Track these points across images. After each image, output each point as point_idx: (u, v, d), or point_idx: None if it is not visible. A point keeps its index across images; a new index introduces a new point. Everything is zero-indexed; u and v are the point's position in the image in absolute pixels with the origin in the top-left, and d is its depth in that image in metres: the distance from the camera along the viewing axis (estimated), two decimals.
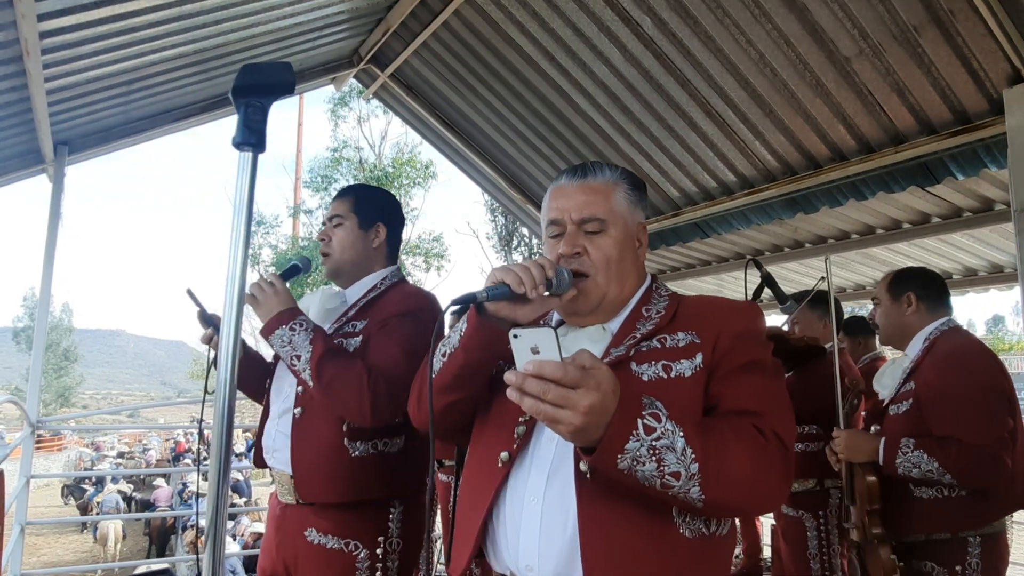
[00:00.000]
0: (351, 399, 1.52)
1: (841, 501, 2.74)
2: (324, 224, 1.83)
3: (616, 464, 0.89)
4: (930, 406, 1.96)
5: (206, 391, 1.80)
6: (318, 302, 1.76)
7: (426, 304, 1.71)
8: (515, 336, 0.88)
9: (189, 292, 1.85)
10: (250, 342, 2.01)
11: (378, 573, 1.60)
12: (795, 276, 5.15)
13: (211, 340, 1.81)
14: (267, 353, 1.91)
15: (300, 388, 1.66)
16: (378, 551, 1.60)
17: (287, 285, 1.70)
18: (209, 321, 1.81)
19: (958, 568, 1.90)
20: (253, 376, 1.87)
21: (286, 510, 1.67)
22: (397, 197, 1.98)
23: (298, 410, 1.65)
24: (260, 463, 1.77)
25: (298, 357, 1.57)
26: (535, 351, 0.86)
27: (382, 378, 1.54)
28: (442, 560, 4.18)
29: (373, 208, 1.82)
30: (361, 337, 1.66)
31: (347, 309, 1.75)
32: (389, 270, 1.82)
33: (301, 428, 1.64)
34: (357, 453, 1.61)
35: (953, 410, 1.90)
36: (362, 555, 1.59)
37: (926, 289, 2.15)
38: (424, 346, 1.61)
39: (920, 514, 1.99)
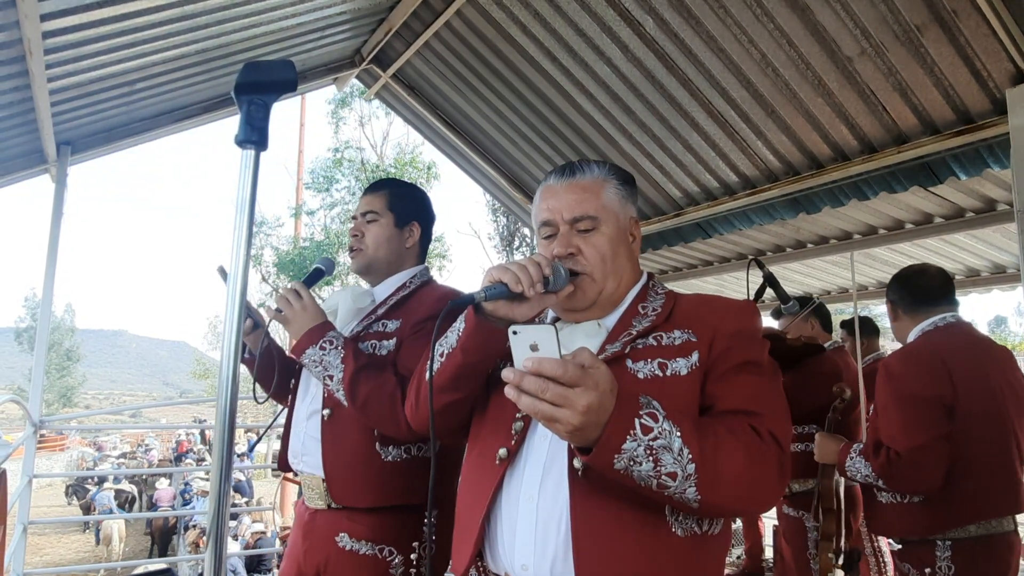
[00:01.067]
0: (386, 417, 1.50)
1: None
2: (355, 218, 1.78)
3: (613, 464, 0.89)
4: (876, 413, 2.04)
5: (255, 396, 1.75)
6: (348, 300, 1.72)
7: None
8: (514, 333, 0.88)
9: (221, 270, 1.71)
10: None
11: None
12: (797, 276, 5.14)
13: (247, 332, 1.72)
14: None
15: (326, 391, 1.62)
16: (412, 556, 1.56)
17: (312, 293, 1.65)
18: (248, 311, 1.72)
19: (927, 571, 1.92)
20: (280, 375, 1.83)
21: (316, 515, 1.63)
22: None
23: (327, 412, 1.62)
24: (285, 467, 1.73)
25: (331, 377, 1.54)
26: (534, 348, 0.86)
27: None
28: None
29: (409, 206, 1.78)
30: (395, 339, 1.62)
31: (376, 307, 1.71)
32: (418, 269, 1.79)
33: (331, 431, 1.61)
34: (390, 458, 1.58)
35: (882, 418, 1.97)
36: (396, 561, 1.55)
37: (900, 294, 2.19)
38: None
39: (883, 517, 2.06)
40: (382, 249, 1.73)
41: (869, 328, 3.61)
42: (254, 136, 0.76)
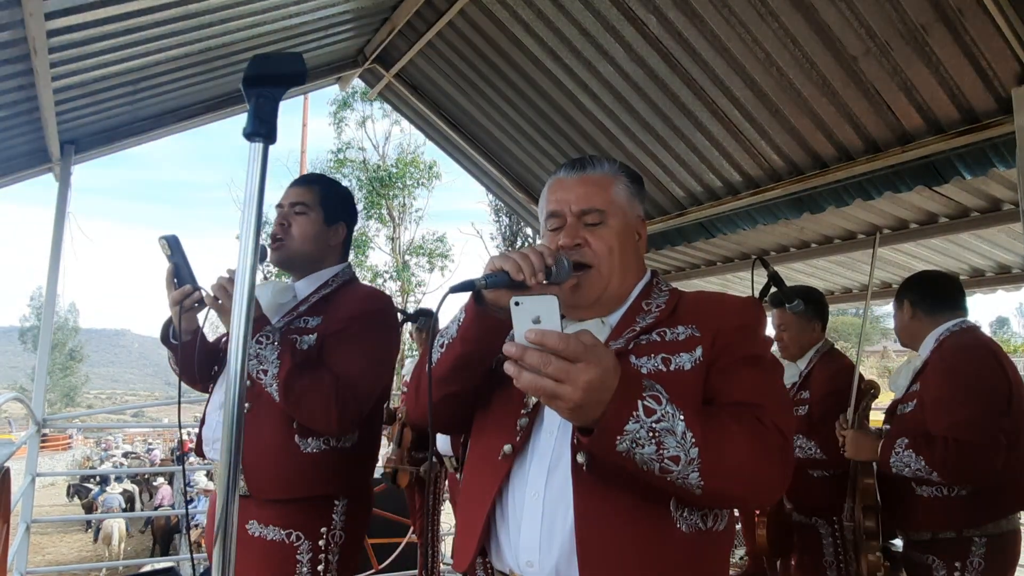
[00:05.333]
0: (319, 415, 1.52)
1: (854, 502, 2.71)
2: (281, 206, 1.75)
3: (615, 446, 0.88)
4: (929, 407, 2.01)
5: (180, 387, 1.69)
6: (269, 295, 1.71)
7: (383, 306, 1.70)
8: (516, 304, 0.87)
9: (173, 239, 1.61)
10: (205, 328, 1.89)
11: (320, 566, 1.57)
12: (801, 277, 5.12)
13: (184, 302, 1.60)
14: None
15: (248, 382, 1.63)
16: (320, 543, 1.58)
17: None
18: (185, 278, 1.61)
19: (957, 564, 1.93)
20: (203, 363, 1.81)
21: None
22: (401, 197, 1.95)
23: (246, 405, 1.58)
24: (201, 453, 1.73)
25: (265, 372, 1.52)
26: (536, 321, 0.85)
27: (348, 390, 1.53)
28: (447, 560, 4.17)
29: (340, 205, 1.79)
30: (316, 335, 1.63)
31: (298, 304, 1.71)
32: (340, 267, 1.80)
33: (249, 424, 1.59)
34: (309, 449, 1.59)
35: (946, 410, 1.94)
36: (304, 547, 1.56)
37: (921, 295, 2.22)
38: (387, 351, 1.65)
39: (922, 512, 2.03)
40: (308, 244, 1.73)
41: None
42: (262, 129, 0.75)
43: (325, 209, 1.75)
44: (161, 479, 14.26)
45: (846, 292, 5.27)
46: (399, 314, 3.85)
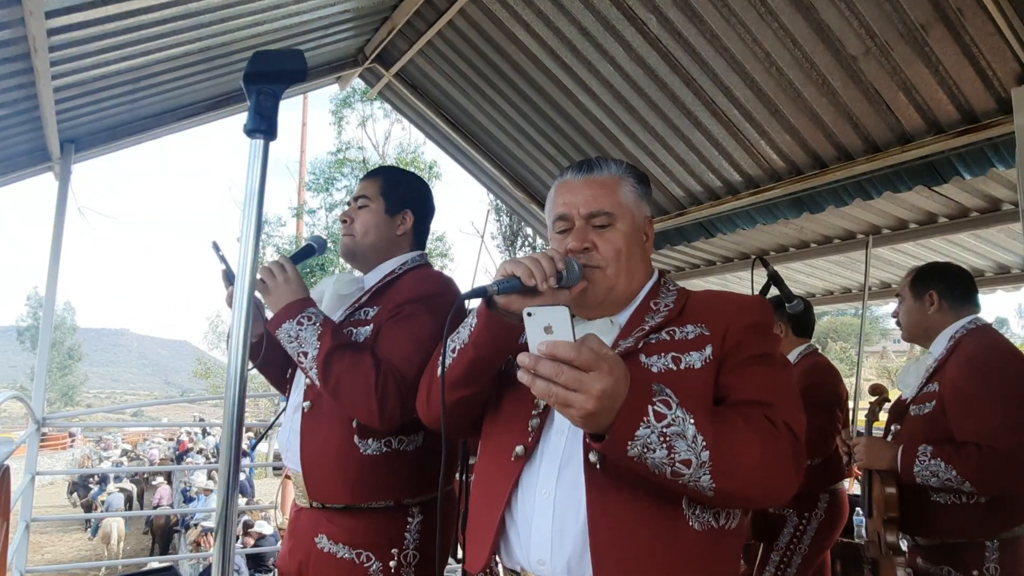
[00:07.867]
0: (359, 400, 1.42)
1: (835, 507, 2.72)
2: (349, 204, 1.74)
3: (626, 451, 0.89)
4: (954, 410, 1.89)
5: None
6: (332, 287, 1.67)
7: (441, 288, 1.60)
8: (529, 314, 0.88)
9: (215, 245, 1.65)
10: None
11: None
12: (800, 277, 5.12)
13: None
14: None
15: (308, 381, 1.58)
16: (391, 564, 1.51)
17: (297, 269, 1.58)
18: (231, 279, 1.61)
19: (975, 573, 1.85)
20: (279, 365, 1.78)
21: (300, 513, 1.61)
22: None
23: (307, 404, 1.57)
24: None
25: (305, 354, 1.46)
26: (548, 330, 0.86)
27: (392, 376, 1.44)
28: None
29: (403, 193, 1.73)
30: (372, 325, 1.56)
31: (361, 295, 1.65)
32: (411, 255, 1.72)
33: (309, 424, 1.56)
34: (369, 451, 1.51)
35: (977, 415, 1.83)
36: (374, 567, 1.50)
37: (950, 287, 2.08)
38: (439, 337, 1.54)
39: (938, 520, 1.94)
40: (370, 235, 1.68)
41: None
42: (263, 125, 0.76)
43: (387, 199, 1.70)
44: (160, 478, 14.27)
45: (845, 292, 5.27)
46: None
